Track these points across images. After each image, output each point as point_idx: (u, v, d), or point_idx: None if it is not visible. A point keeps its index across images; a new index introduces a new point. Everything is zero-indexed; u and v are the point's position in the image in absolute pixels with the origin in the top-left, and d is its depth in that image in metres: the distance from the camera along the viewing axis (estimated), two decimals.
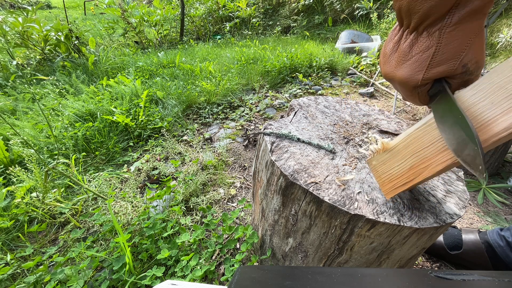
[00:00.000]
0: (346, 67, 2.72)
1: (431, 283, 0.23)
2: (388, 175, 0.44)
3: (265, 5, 5.13)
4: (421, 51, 0.33)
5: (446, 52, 0.32)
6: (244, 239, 0.88)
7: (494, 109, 0.30)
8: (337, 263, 0.55)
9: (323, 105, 0.79)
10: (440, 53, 0.32)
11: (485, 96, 0.31)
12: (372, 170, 0.48)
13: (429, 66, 0.33)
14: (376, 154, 0.46)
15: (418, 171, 0.39)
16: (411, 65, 0.34)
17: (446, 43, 0.31)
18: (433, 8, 0.30)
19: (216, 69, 2.49)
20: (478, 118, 0.31)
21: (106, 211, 0.99)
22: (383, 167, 0.45)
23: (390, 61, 0.37)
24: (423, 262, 0.88)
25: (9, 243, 0.92)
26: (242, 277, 0.25)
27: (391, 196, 0.45)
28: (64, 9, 3.82)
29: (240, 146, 1.53)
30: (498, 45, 2.32)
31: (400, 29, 0.36)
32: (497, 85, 0.30)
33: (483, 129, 0.31)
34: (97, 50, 2.68)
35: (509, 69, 0.30)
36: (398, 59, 0.36)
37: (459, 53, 0.31)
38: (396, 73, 0.36)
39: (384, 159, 0.44)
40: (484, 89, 0.31)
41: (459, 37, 0.31)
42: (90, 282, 0.74)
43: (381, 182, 0.46)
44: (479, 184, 1.16)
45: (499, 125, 0.29)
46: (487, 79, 0.31)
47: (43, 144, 1.35)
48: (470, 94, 0.33)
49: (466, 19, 0.30)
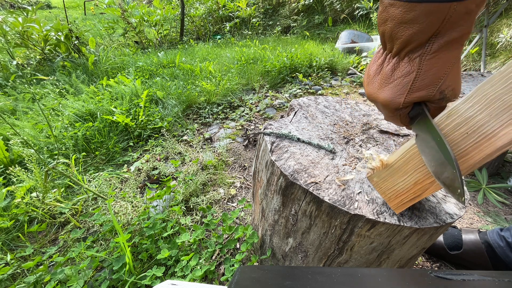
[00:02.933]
0: (346, 67, 2.72)
1: (431, 283, 0.23)
2: (393, 191, 0.43)
3: (265, 5, 5.13)
4: (403, 76, 0.35)
5: (426, 78, 0.33)
6: (244, 239, 0.88)
7: (493, 122, 0.30)
8: (337, 263, 0.55)
9: (323, 105, 0.79)
10: (420, 79, 0.34)
11: (482, 109, 0.31)
12: (375, 187, 0.46)
13: (410, 90, 0.34)
14: (376, 171, 0.45)
15: (424, 186, 0.38)
16: (393, 88, 0.36)
17: (426, 69, 0.33)
18: (414, 36, 0.32)
19: (216, 69, 2.49)
20: (478, 131, 0.31)
21: (106, 211, 0.99)
22: (386, 183, 0.44)
23: (373, 83, 0.38)
24: (423, 262, 0.88)
25: (9, 243, 0.92)
26: (242, 277, 0.25)
27: (401, 211, 0.44)
28: (64, 9, 3.82)
29: (240, 146, 1.53)
30: (498, 45, 2.32)
31: (384, 52, 0.37)
32: (492, 97, 0.30)
33: (485, 143, 0.30)
34: (97, 50, 2.68)
35: (503, 80, 0.29)
36: (381, 82, 0.37)
37: (437, 80, 0.33)
38: (379, 95, 0.37)
39: (385, 175, 0.43)
40: (479, 102, 0.31)
41: (438, 65, 0.33)
42: (90, 282, 0.74)
43: (387, 198, 0.45)
44: (479, 184, 1.16)
45: (502, 139, 0.29)
46: (480, 91, 0.31)
47: (43, 144, 1.35)
48: (465, 107, 0.32)
49: (444, 48, 0.32)
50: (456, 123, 0.33)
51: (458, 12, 0.29)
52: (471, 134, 0.32)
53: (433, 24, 0.31)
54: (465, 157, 0.33)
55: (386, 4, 0.33)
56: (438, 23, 0.30)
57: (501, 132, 0.29)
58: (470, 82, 1.24)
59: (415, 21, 0.31)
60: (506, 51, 2.25)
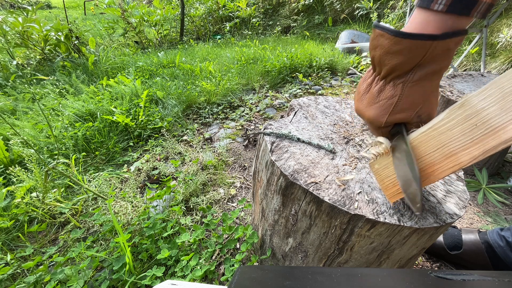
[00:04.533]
0: (346, 67, 2.72)
1: (431, 283, 0.23)
2: (391, 179, 0.43)
3: (265, 5, 5.13)
4: (387, 98, 0.39)
5: (406, 103, 0.38)
6: (244, 239, 0.88)
7: (503, 116, 0.30)
8: (337, 263, 0.55)
9: (323, 105, 0.79)
10: (401, 103, 0.38)
11: (495, 102, 0.31)
12: (374, 174, 0.47)
13: (392, 112, 0.39)
14: (379, 157, 0.45)
15: (423, 176, 0.39)
16: (377, 109, 0.40)
17: (407, 95, 0.37)
18: (399, 65, 0.36)
19: (216, 69, 2.49)
20: (487, 124, 0.31)
21: (106, 211, 0.99)
22: (386, 171, 0.44)
23: (362, 100, 0.43)
24: (423, 262, 0.88)
25: (9, 243, 0.92)
26: (242, 277, 0.25)
27: (395, 201, 0.44)
28: (64, 9, 3.82)
29: (240, 146, 1.53)
30: (498, 45, 2.32)
31: (373, 73, 0.42)
32: (507, 90, 0.30)
33: (492, 135, 0.31)
34: (97, 50, 2.68)
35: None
36: (369, 100, 0.42)
37: (416, 106, 0.38)
38: (365, 113, 0.43)
39: (387, 163, 0.43)
40: (493, 94, 0.31)
41: (418, 92, 0.37)
42: (90, 282, 0.74)
43: (384, 186, 0.45)
44: (479, 184, 1.16)
45: (508, 133, 0.29)
46: (496, 84, 0.31)
47: (43, 144, 1.35)
48: (479, 99, 0.32)
49: (425, 78, 0.36)
50: (467, 114, 0.33)
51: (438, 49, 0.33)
52: (480, 126, 0.32)
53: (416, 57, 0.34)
54: (470, 149, 0.33)
55: (378, 33, 0.37)
56: (420, 57, 0.34)
57: (509, 126, 0.29)
58: (470, 82, 1.24)
59: (400, 53, 0.35)
60: (506, 51, 2.25)
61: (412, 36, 0.33)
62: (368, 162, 0.50)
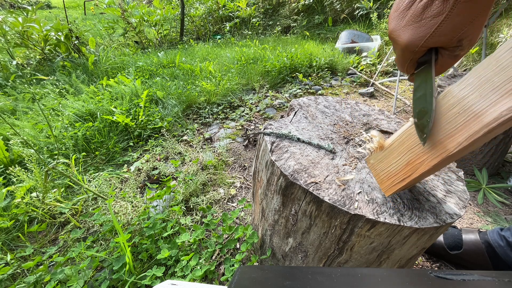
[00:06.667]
0: (346, 67, 2.72)
1: (431, 283, 0.23)
2: (386, 172, 0.44)
3: (265, 5, 5.12)
4: (431, 16, 0.34)
5: (452, 23, 0.33)
6: (244, 239, 0.88)
7: (482, 102, 0.32)
8: (337, 263, 0.55)
9: (323, 105, 0.79)
10: (446, 23, 0.33)
11: (473, 90, 0.33)
12: (370, 169, 0.48)
13: (433, 34, 0.34)
14: (374, 152, 0.46)
15: (415, 166, 0.40)
16: (417, 29, 0.35)
17: (457, 13, 0.32)
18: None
19: (216, 69, 2.49)
20: (469, 111, 0.33)
21: (106, 211, 0.99)
22: (380, 165, 0.45)
23: (400, 18, 0.37)
24: (423, 262, 0.88)
25: (9, 243, 0.92)
26: (242, 277, 0.25)
27: (390, 194, 0.45)
28: (64, 9, 3.82)
29: (240, 146, 1.53)
30: (498, 45, 2.32)
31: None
32: (484, 78, 0.32)
33: (474, 121, 0.32)
34: (97, 50, 2.68)
35: (493, 62, 0.31)
36: (410, 18, 0.36)
37: (462, 28, 0.33)
38: (401, 34, 0.37)
39: (382, 157, 0.45)
40: (472, 83, 0.33)
41: (469, 11, 0.32)
42: (90, 282, 0.74)
43: (380, 180, 0.46)
44: (479, 184, 1.16)
45: (489, 116, 0.31)
46: (474, 73, 0.33)
47: (43, 144, 1.35)
48: (460, 88, 0.35)
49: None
50: (450, 104, 0.35)
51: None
52: (462, 113, 0.34)
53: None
54: (456, 135, 0.34)
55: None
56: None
57: (489, 111, 0.31)
58: None
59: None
60: None
61: None
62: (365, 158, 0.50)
